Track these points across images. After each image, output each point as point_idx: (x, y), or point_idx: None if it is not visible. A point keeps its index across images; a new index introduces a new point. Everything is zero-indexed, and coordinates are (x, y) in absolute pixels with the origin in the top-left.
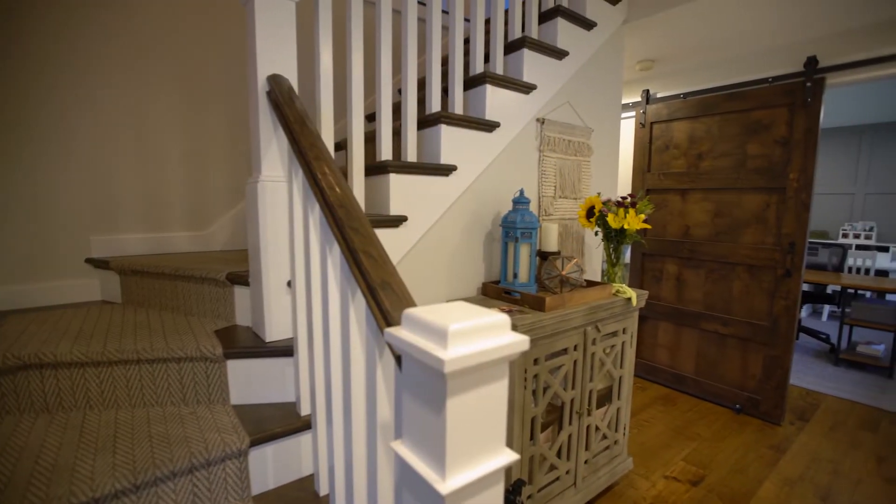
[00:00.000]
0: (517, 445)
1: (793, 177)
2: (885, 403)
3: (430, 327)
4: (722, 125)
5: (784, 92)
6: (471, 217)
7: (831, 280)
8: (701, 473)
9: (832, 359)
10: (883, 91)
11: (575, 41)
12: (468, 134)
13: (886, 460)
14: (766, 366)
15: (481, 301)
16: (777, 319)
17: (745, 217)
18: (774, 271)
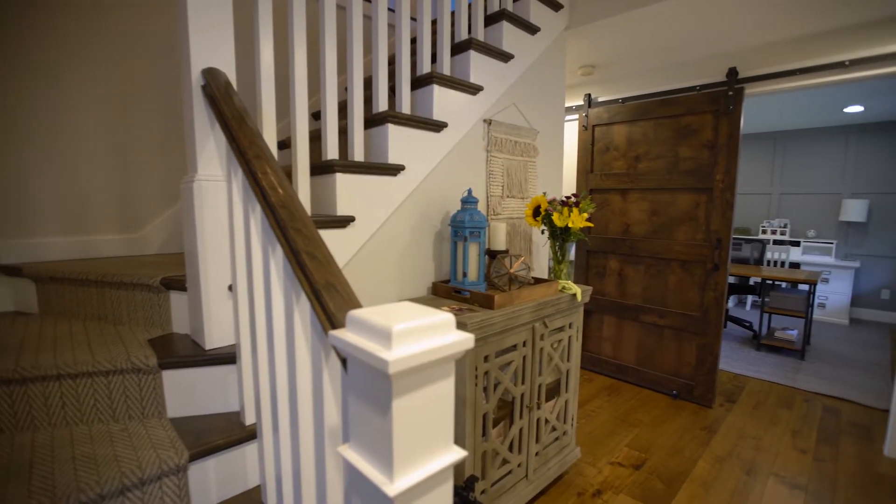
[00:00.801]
0: (470, 442)
1: (719, 178)
2: (799, 383)
3: (374, 328)
4: (657, 129)
5: (710, 99)
6: (420, 217)
7: (753, 272)
8: (643, 457)
9: (755, 344)
10: (793, 101)
11: (520, 45)
12: (416, 134)
13: (799, 433)
14: (699, 353)
15: (432, 300)
16: (707, 310)
17: (679, 215)
18: (704, 265)
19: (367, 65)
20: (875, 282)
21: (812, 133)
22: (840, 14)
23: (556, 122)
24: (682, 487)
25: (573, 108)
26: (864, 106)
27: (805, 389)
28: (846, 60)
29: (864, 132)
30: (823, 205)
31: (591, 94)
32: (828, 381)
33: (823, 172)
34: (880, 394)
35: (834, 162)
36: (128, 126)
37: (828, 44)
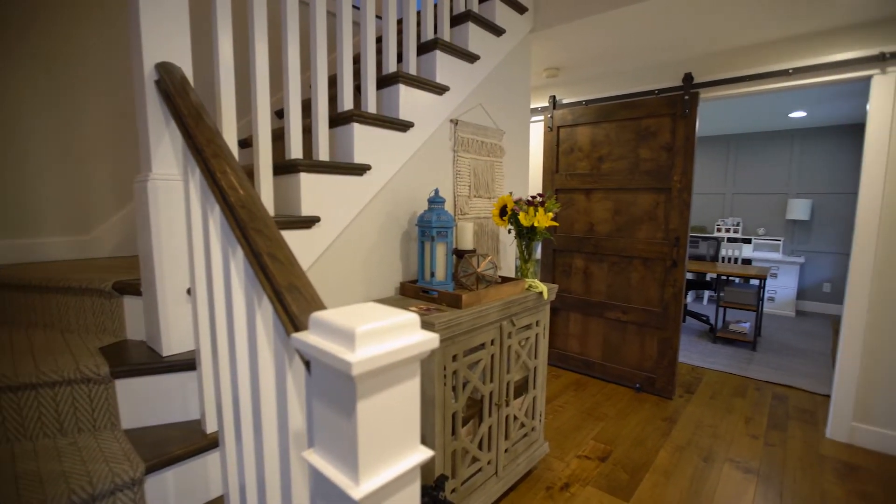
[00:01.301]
0: (439, 442)
1: (676, 179)
2: (751, 372)
3: (337, 330)
4: (619, 131)
5: (667, 103)
6: (387, 217)
7: (709, 269)
8: (608, 449)
9: (711, 337)
10: (744, 106)
11: (486, 46)
12: (382, 133)
13: (752, 420)
14: (660, 347)
15: (399, 301)
16: (667, 305)
17: (640, 214)
18: (664, 263)
19: (332, 63)
20: (818, 276)
21: (761, 137)
22: (783, 26)
23: (521, 123)
24: (645, 477)
25: (539, 110)
26: (806, 111)
27: (757, 378)
28: (790, 69)
29: (807, 136)
30: (771, 204)
31: (556, 95)
32: (777, 370)
33: (771, 174)
34: (823, 381)
35: (780, 164)
36: (77, 120)
37: (773, 53)
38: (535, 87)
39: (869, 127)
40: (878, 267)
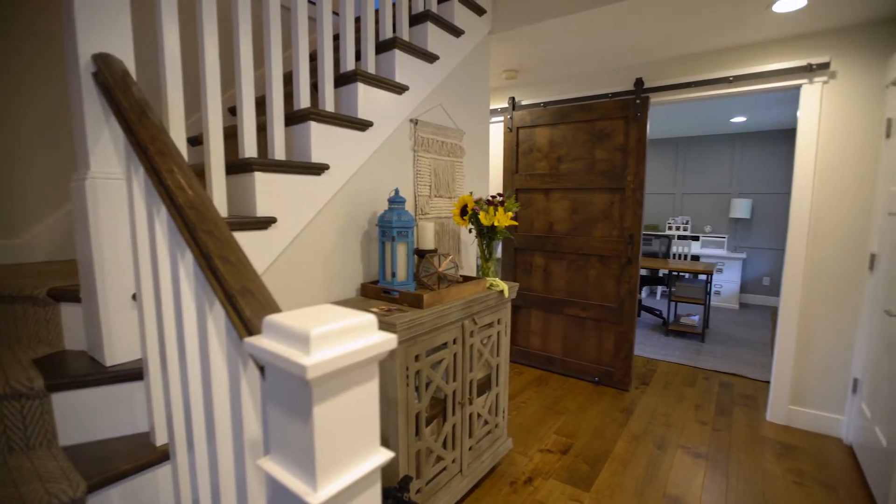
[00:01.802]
0: (403, 442)
1: (630, 179)
2: (700, 362)
3: (291, 333)
4: (575, 132)
5: (621, 106)
6: (346, 217)
7: (661, 265)
8: (569, 442)
9: (664, 330)
10: (691, 110)
11: (445, 46)
12: (340, 132)
13: (701, 407)
14: (617, 341)
15: (360, 302)
16: (623, 301)
17: (596, 213)
18: (619, 260)
19: (287, 60)
20: (758, 270)
21: (706, 140)
22: (724, 36)
23: (481, 124)
24: (605, 466)
25: (498, 111)
26: (746, 117)
27: (705, 368)
28: (730, 76)
29: (747, 140)
30: (716, 204)
31: (515, 97)
32: (723, 359)
33: (716, 175)
34: (764, 368)
35: (724, 166)
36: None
37: (716, 61)
38: (494, 89)
39: (799, 132)
40: (809, 261)
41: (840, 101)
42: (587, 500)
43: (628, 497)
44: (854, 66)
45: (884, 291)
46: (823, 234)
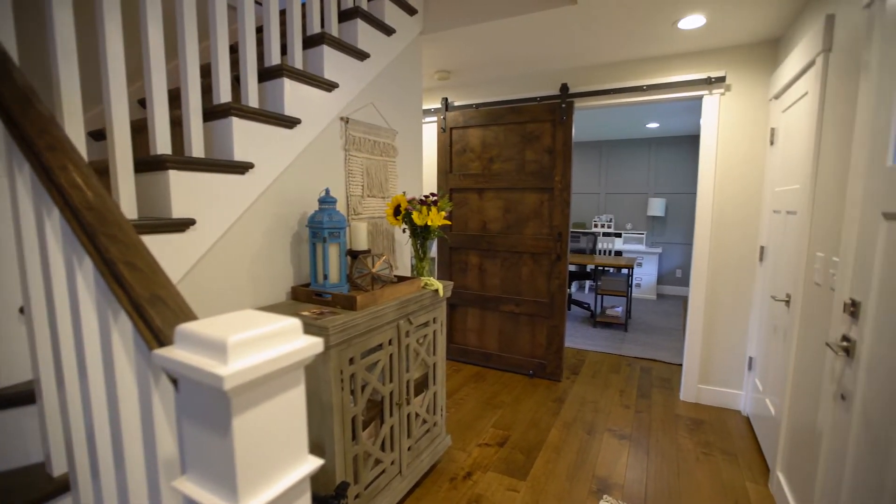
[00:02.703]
0: (339, 448)
1: (557, 179)
2: (624, 350)
3: (207, 342)
4: (506, 134)
5: (548, 109)
6: (274, 218)
7: (588, 261)
8: (506, 435)
9: (592, 322)
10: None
11: (376, 44)
12: (266, 129)
13: (625, 392)
14: (549, 335)
15: (291, 306)
16: (554, 296)
17: (527, 212)
18: (550, 257)
19: (206, 52)
20: (672, 263)
21: (625, 143)
22: (637, 49)
23: (414, 123)
24: (539, 455)
25: (432, 111)
26: (659, 123)
27: (628, 356)
28: (644, 85)
29: (661, 144)
30: (636, 203)
31: (448, 97)
32: (643, 346)
33: (634, 176)
34: (677, 352)
35: (641, 167)
36: None
37: (632, 71)
38: (427, 89)
39: (702, 138)
40: (712, 255)
41: (734, 112)
42: (523, 489)
43: (561, 482)
44: (745, 80)
45: (770, 279)
46: (723, 230)
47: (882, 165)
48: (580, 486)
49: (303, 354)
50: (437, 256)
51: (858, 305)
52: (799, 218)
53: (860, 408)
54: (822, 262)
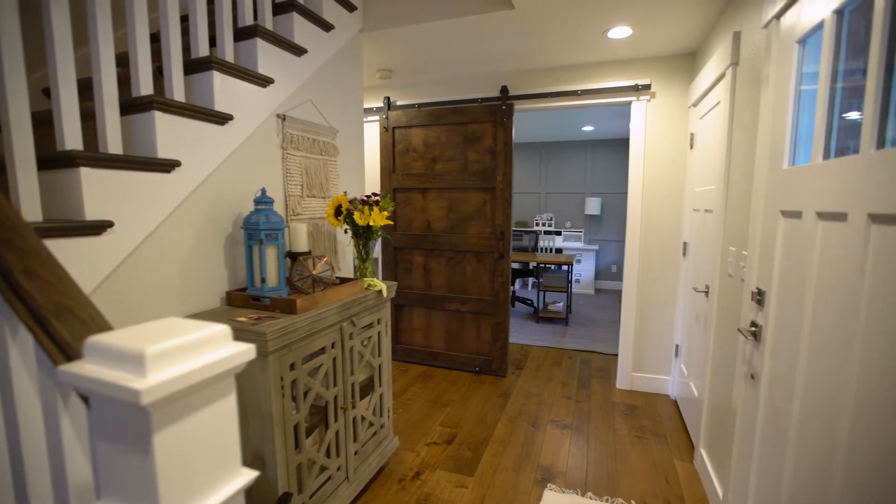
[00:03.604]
0: (281, 457)
1: (499, 179)
2: (565, 344)
3: (122, 354)
4: (449, 134)
5: (489, 111)
6: (206, 219)
7: (531, 258)
8: (454, 432)
9: (535, 318)
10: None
11: (313, 40)
12: (194, 125)
13: (566, 384)
14: (494, 332)
15: (226, 311)
16: (497, 294)
17: (471, 212)
18: (493, 255)
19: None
20: (608, 259)
21: (564, 145)
22: (571, 55)
23: (355, 122)
24: (487, 450)
25: (374, 110)
26: (594, 126)
27: (569, 349)
28: (579, 90)
29: (596, 146)
30: (574, 202)
31: (391, 97)
32: (583, 339)
33: (572, 176)
34: (614, 343)
35: (578, 168)
36: None
37: (567, 76)
38: (369, 88)
39: (632, 142)
40: (642, 250)
41: (659, 117)
42: (471, 484)
43: (508, 474)
44: (668, 89)
45: (692, 272)
46: (651, 228)
47: (780, 169)
48: (526, 476)
49: (233, 362)
50: (381, 257)
51: (763, 294)
52: (714, 216)
53: (766, 386)
54: (734, 255)
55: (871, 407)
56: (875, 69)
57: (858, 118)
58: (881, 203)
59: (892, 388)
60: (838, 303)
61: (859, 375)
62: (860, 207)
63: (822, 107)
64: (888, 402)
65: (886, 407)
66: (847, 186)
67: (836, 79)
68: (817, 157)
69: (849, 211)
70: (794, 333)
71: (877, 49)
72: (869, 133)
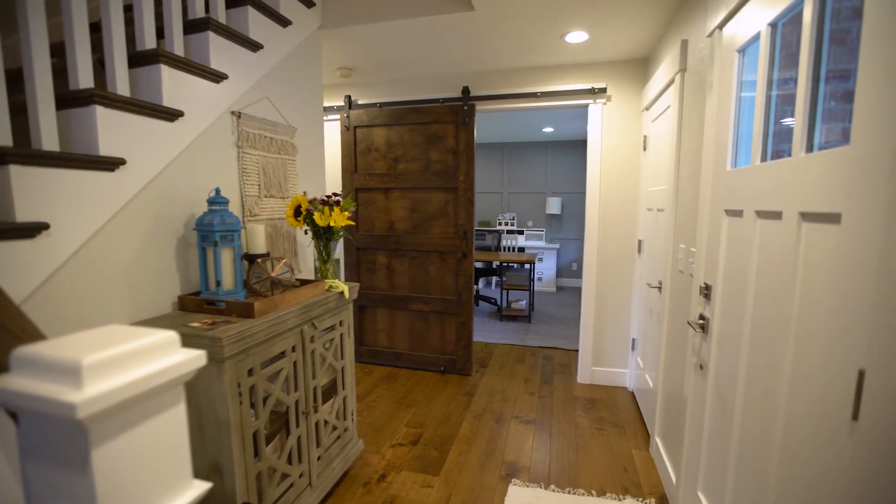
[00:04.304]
0: (239, 467)
1: (461, 179)
2: (528, 341)
3: (55, 366)
4: (411, 134)
5: (451, 111)
6: (155, 221)
7: (494, 258)
8: (419, 433)
9: (499, 316)
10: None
11: (270, 35)
12: (140, 121)
13: (529, 380)
14: (458, 331)
15: (178, 317)
16: (461, 293)
17: (433, 212)
18: (456, 255)
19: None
20: (569, 257)
21: (525, 146)
22: (532, 57)
23: (315, 121)
24: (452, 448)
25: (335, 109)
26: (553, 128)
27: (532, 346)
28: (538, 92)
29: (556, 147)
30: (536, 201)
31: (352, 95)
32: (545, 336)
33: (534, 176)
34: (574, 339)
35: (540, 169)
36: None
37: (529, 78)
38: (329, 86)
39: (589, 143)
40: (601, 249)
41: (615, 120)
42: (437, 484)
43: (473, 472)
44: (623, 92)
45: (647, 269)
46: (609, 226)
47: (724, 170)
48: (491, 473)
49: (180, 370)
50: (343, 258)
51: (710, 288)
52: (666, 215)
53: (713, 375)
54: (684, 252)
55: (803, 389)
56: (804, 79)
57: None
58: (810, 202)
59: (823, 372)
60: (775, 295)
61: (793, 361)
62: (793, 207)
63: (760, 112)
64: (818, 385)
65: (817, 389)
66: (781, 187)
67: (772, 87)
68: (756, 160)
69: (783, 210)
70: (737, 325)
71: (805, 60)
72: (800, 138)
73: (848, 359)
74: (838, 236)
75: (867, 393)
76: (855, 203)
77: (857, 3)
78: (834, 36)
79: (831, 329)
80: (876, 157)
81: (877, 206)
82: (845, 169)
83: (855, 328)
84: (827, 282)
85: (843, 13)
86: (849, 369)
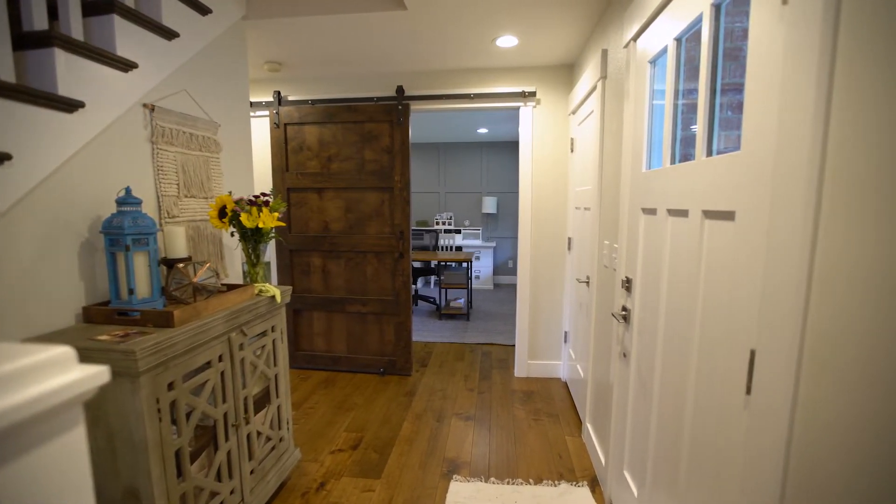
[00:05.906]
0: (160, 490)
1: (397, 179)
2: (467, 339)
3: None
4: (345, 132)
5: (385, 110)
6: (52, 223)
7: (432, 257)
8: (359, 436)
9: (438, 315)
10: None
11: (187, 23)
12: (30, 111)
13: (468, 377)
14: (397, 331)
15: (84, 330)
16: (399, 293)
17: (369, 212)
18: (393, 255)
19: None
20: (505, 255)
21: (461, 146)
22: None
23: (241, 117)
24: (393, 450)
25: (263, 104)
26: (488, 129)
27: (471, 343)
28: (472, 93)
29: (491, 148)
30: (472, 201)
31: (281, 91)
32: (484, 333)
33: (470, 176)
34: (511, 335)
35: (475, 169)
36: None
37: (463, 79)
38: (257, 80)
39: (521, 144)
40: (533, 246)
41: (545, 123)
42: (379, 487)
43: (415, 472)
44: (551, 96)
45: (576, 265)
46: (540, 225)
47: (640, 172)
48: (432, 471)
49: (76, 390)
50: (275, 260)
51: (631, 281)
52: (592, 213)
53: (634, 362)
54: (608, 248)
55: (708, 370)
56: (704, 90)
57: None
58: (710, 201)
59: (723, 354)
60: (684, 286)
61: (699, 346)
62: (697, 205)
63: (669, 119)
64: (720, 365)
65: (718, 369)
66: (688, 188)
67: (679, 96)
68: (667, 163)
69: (689, 208)
70: (653, 315)
71: (704, 73)
72: (701, 143)
73: (742, 341)
74: (733, 232)
75: (757, 370)
76: (745, 202)
77: (747, 25)
78: (728, 52)
79: (729, 315)
80: (761, 161)
81: (762, 204)
82: (737, 171)
83: (747, 313)
84: (725, 273)
85: (736, 32)
86: (743, 350)
